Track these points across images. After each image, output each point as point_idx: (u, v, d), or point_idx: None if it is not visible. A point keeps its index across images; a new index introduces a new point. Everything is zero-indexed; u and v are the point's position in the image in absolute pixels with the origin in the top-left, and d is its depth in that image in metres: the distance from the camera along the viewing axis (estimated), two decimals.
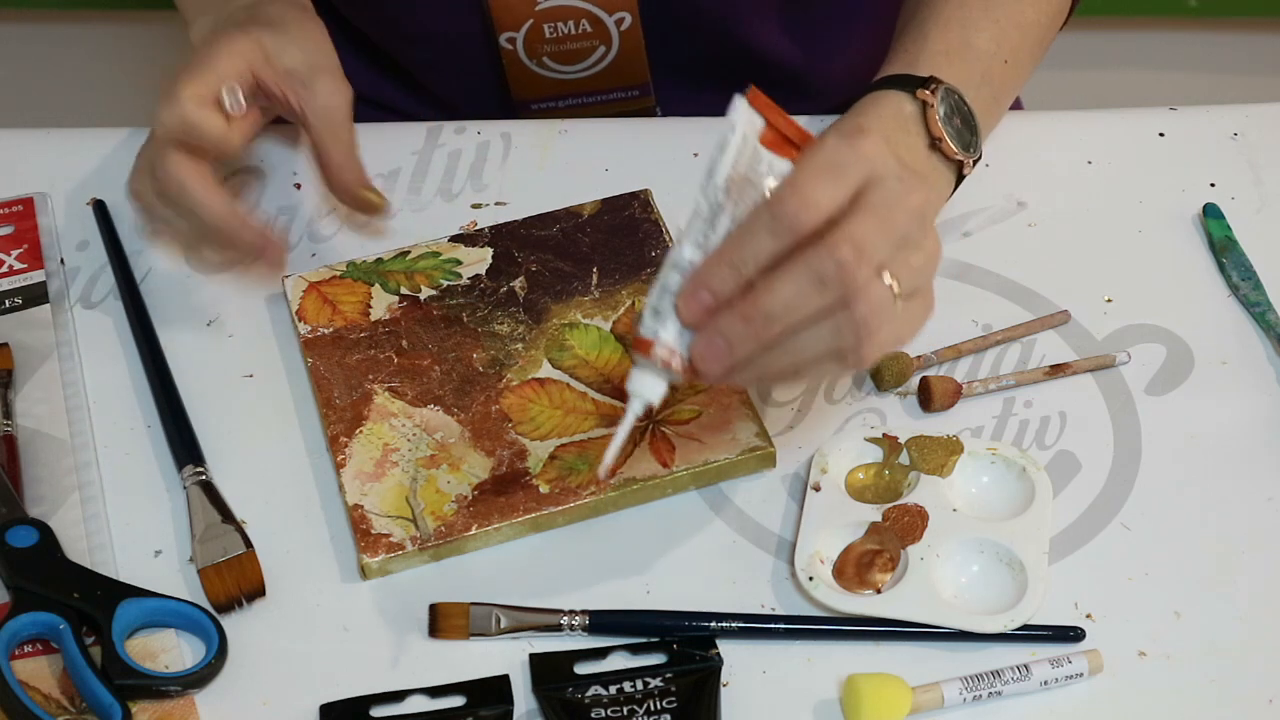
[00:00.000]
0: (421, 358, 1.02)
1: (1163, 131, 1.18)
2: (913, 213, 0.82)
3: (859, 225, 0.79)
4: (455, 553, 0.94)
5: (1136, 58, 2.05)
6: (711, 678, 0.89)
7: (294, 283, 1.07)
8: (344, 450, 0.98)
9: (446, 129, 1.19)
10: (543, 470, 0.96)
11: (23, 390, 1.03)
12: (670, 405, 0.98)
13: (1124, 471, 0.98)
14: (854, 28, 1.23)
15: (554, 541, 0.96)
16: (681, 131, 1.18)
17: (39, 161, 1.18)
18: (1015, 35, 1.07)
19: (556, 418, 0.99)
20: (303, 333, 1.04)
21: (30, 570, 0.92)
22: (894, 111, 0.99)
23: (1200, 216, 1.12)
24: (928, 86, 0.99)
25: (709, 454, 0.96)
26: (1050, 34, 1.13)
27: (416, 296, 1.06)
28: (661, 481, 0.96)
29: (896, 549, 0.93)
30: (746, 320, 0.80)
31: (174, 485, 0.99)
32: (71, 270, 1.11)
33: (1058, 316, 1.06)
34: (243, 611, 0.93)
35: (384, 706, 0.88)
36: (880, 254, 0.80)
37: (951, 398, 1.01)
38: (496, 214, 1.13)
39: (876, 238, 0.80)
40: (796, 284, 0.79)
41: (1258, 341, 1.05)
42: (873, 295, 0.80)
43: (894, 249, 0.81)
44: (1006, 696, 0.88)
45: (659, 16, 1.17)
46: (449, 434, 0.98)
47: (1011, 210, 1.12)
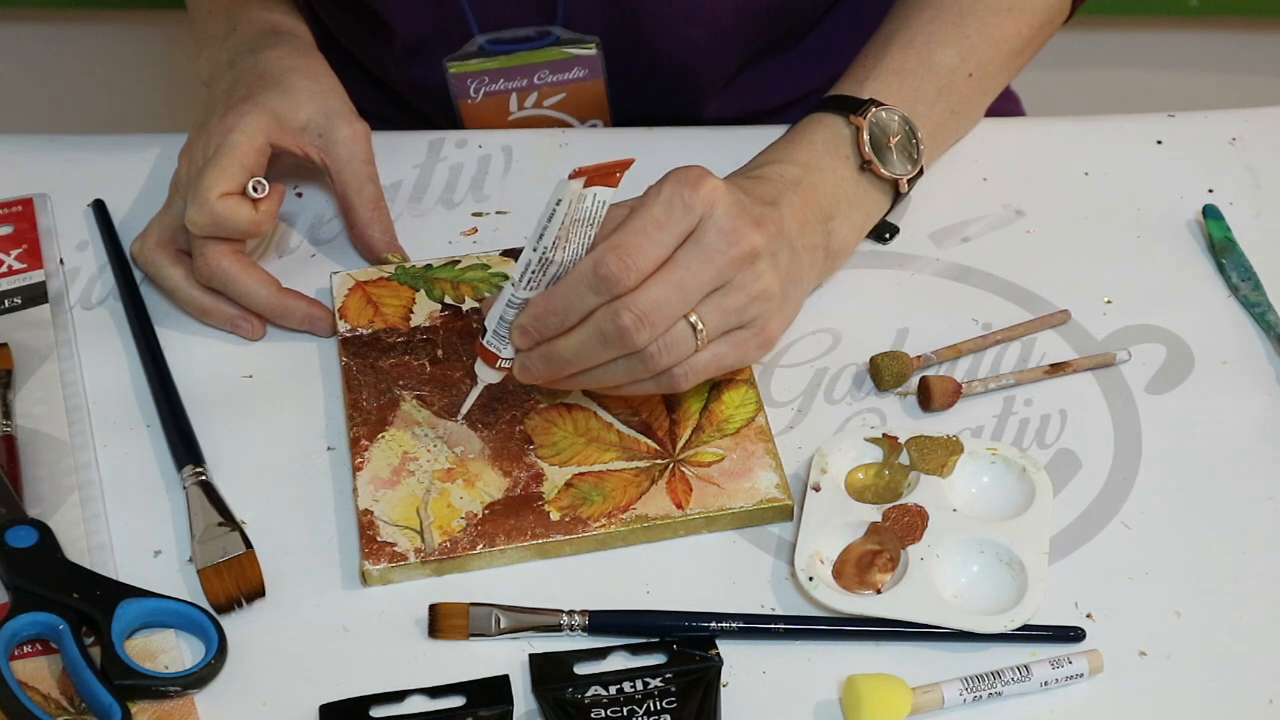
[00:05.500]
0: (454, 369, 1.02)
1: (1161, 139, 1.18)
2: (734, 259, 0.91)
3: (654, 289, 0.89)
4: (457, 570, 0.94)
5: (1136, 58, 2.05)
6: (711, 678, 0.89)
7: (341, 280, 1.07)
8: (363, 454, 0.98)
9: (448, 142, 1.19)
10: (556, 496, 0.96)
11: (22, 390, 1.04)
12: (695, 446, 0.98)
13: (1124, 471, 0.98)
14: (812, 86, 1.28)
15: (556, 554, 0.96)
16: (682, 140, 1.18)
17: (39, 162, 1.18)
18: (986, 49, 1.12)
19: (578, 445, 0.98)
20: (342, 331, 1.04)
21: (30, 570, 0.92)
22: (828, 135, 1.06)
23: (1199, 219, 1.12)
24: (862, 112, 1.06)
25: (725, 500, 0.96)
26: (1037, 42, 1.16)
27: (459, 307, 1.06)
28: (674, 523, 0.95)
29: (896, 549, 0.93)
30: (547, 360, 0.92)
31: (174, 485, 0.99)
32: (71, 270, 1.11)
33: (1058, 316, 1.06)
34: (242, 612, 0.93)
35: (384, 706, 0.88)
36: (677, 308, 0.90)
37: (951, 397, 1.01)
38: (498, 222, 1.13)
39: (674, 295, 0.90)
40: (585, 338, 0.91)
41: (1258, 341, 1.05)
42: (663, 343, 0.90)
43: (704, 295, 0.91)
44: (1006, 697, 0.88)
45: (630, 120, 1.24)
46: (469, 449, 0.98)
47: (1010, 218, 1.13)
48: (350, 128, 1.10)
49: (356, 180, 1.10)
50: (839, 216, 1.04)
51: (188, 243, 1.06)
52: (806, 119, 1.08)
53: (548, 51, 1.20)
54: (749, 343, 0.95)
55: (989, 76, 1.13)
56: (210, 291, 1.06)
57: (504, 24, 1.19)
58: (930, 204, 1.13)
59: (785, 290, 0.96)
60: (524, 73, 1.21)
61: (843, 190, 1.05)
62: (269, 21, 1.16)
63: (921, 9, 1.12)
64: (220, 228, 1.03)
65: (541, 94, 1.23)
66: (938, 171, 1.14)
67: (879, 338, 1.05)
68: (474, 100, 1.22)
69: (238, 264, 1.05)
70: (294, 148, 1.08)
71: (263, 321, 1.06)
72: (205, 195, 1.03)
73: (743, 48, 1.23)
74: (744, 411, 1.00)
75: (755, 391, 1.01)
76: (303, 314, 1.06)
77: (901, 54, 1.10)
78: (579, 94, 1.23)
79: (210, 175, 1.03)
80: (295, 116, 1.08)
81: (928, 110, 1.09)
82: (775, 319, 0.96)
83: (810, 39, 1.27)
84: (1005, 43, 1.13)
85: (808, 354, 1.05)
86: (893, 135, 1.06)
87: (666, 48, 1.20)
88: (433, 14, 1.18)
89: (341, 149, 1.09)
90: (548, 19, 1.18)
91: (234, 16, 1.16)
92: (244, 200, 1.04)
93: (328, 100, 1.10)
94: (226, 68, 1.13)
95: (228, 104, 1.08)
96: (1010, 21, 1.13)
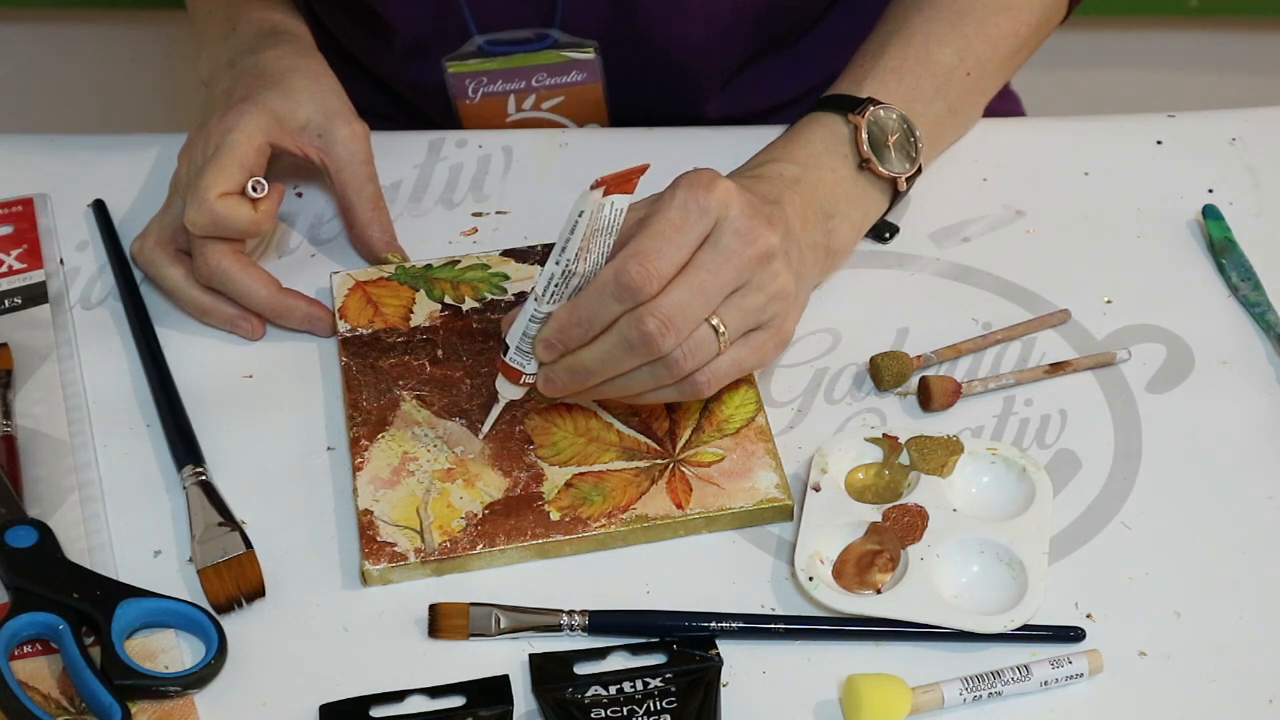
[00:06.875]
0: (454, 369, 1.02)
1: (1161, 139, 1.18)
2: (752, 259, 0.92)
3: (677, 293, 0.90)
4: (457, 570, 0.94)
5: (1136, 58, 2.05)
6: (711, 678, 0.89)
7: (341, 280, 1.07)
8: (363, 454, 0.98)
9: (448, 142, 1.19)
10: (556, 497, 0.96)
11: (22, 390, 1.04)
12: (695, 446, 0.98)
13: (1124, 470, 0.98)
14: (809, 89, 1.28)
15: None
16: (682, 140, 1.18)
17: (39, 162, 1.18)
18: (984, 48, 1.12)
19: (578, 445, 0.98)
20: (342, 331, 1.04)
21: (30, 570, 0.92)
22: (826, 134, 1.06)
23: (1199, 219, 1.12)
24: (860, 111, 1.06)
25: (725, 500, 0.96)
26: (1034, 41, 1.17)
27: (459, 307, 1.06)
28: (674, 522, 0.95)
29: (896, 549, 0.93)
30: (571, 371, 0.92)
31: (174, 485, 0.99)
32: (71, 270, 1.11)
33: (1058, 315, 1.06)
34: (242, 612, 0.93)
35: (384, 706, 0.88)
36: (699, 311, 0.90)
37: (951, 397, 1.01)
38: (498, 222, 1.13)
39: (696, 299, 0.90)
40: (610, 347, 0.91)
41: (1258, 341, 1.05)
42: (688, 347, 0.91)
43: (724, 296, 0.91)
44: (1006, 697, 0.88)
45: (629, 120, 1.24)
46: (469, 449, 0.98)
47: (1010, 218, 1.13)
48: (350, 128, 1.10)
49: (356, 180, 1.10)
50: (838, 215, 1.04)
51: (188, 243, 1.06)
52: (805, 118, 1.08)
53: (546, 54, 1.20)
54: (767, 344, 0.95)
55: (987, 75, 1.13)
56: (210, 291, 1.06)
57: (502, 24, 1.19)
58: (930, 204, 1.13)
59: (798, 288, 0.97)
60: (522, 75, 1.21)
61: (842, 189, 1.05)
62: (269, 21, 1.16)
63: (919, 8, 1.13)
64: (220, 228, 1.03)
65: (539, 96, 1.23)
66: (938, 172, 1.14)
67: (879, 338, 1.05)
68: (472, 101, 1.22)
69: (237, 264, 1.05)
70: (293, 148, 1.08)
71: (263, 321, 1.06)
72: (205, 195, 1.03)
73: (742, 47, 1.23)
74: (744, 411, 1.00)
75: (755, 391, 1.01)
76: (303, 314, 1.06)
77: (900, 53, 1.10)
78: (577, 97, 1.23)
79: (210, 175, 1.03)
80: (295, 116, 1.08)
81: (926, 109, 1.09)
82: (790, 317, 0.96)
83: (809, 38, 1.27)
84: (1003, 42, 1.13)
85: (808, 354, 1.05)
86: (891, 134, 1.06)
87: (666, 47, 1.20)
88: (432, 14, 1.18)
89: (341, 149, 1.09)
90: (546, 18, 1.18)
91: (233, 16, 1.16)
92: (243, 200, 1.04)
93: (327, 100, 1.10)
94: (226, 68, 1.13)
95: (227, 104, 1.08)
96: (1008, 20, 1.13)
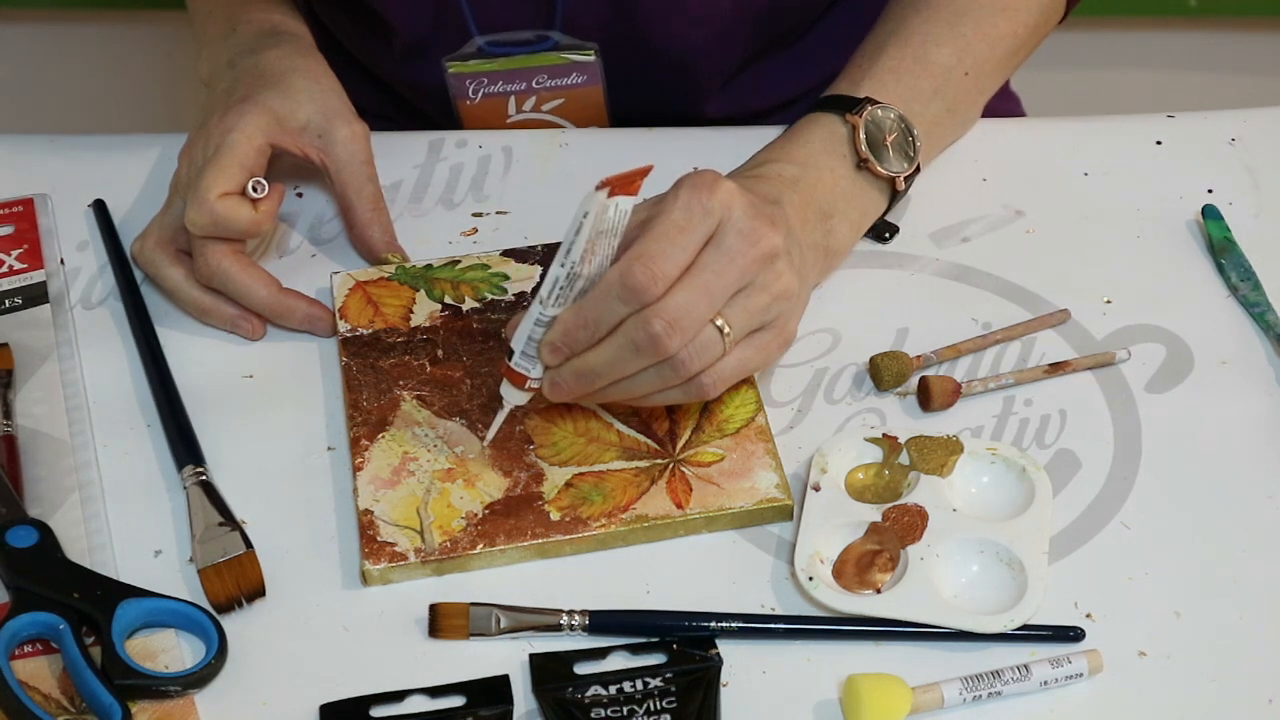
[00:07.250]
0: (454, 369, 1.02)
1: (1160, 139, 1.18)
2: (755, 260, 0.92)
3: (682, 294, 0.90)
4: (458, 569, 0.94)
5: (1135, 58, 2.05)
6: (711, 677, 0.89)
7: (341, 280, 1.07)
8: (364, 454, 0.98)
9: (448, 142, 1.19)
10: (556, 496, 0.96)
11: (23, 390, 1.04)
12: (695, 446, 0.98)
13: (1124, 470, 0.98)
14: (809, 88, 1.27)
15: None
16: (682, 140, 1.18)
17: (39, 162, 1.18)
18: (981, 48, 1.13)
19: (579, 445, 0.98)
20: (342, 331, 1.04)
21: (30, 570, 0.92)
22: (824, 134, 1.06)
23: (1199, 219, 1.12)
24: (858, 110, 1.06)
25: (725, 500, 0.96)
26: (1032, 41, 1.17)
27: (459, 307, 1.06)
28: (674, 522, 0.95)
29: (896, 549, 0.93)
30: (577, 374, 0.92)
31: (174, 485, 0.99)
32: (71, 270, 1.11)
33: (1057, 315, 1.06)
34: (242, 612, 0.93)
35: (384, 706, 0.88)
36: (705, 312, 0.91)
37: (950, 397, 1.01)
38: (498, 222, 1.13)
39: (701, 300, 0.90)
40: (616, 349, 0.91)
41: (1258, 341, 1.05)
42: (693, 348, 0.91)
43: (729, 296, 0.92)
44: (1006, 697, 0.88)
45: (630, 120, 1.24)
46: (470, 449, 0.98)
47: (1010, 218, 1.13)
48: (350, 128, 1.10)
49: (356, 180, 1.10)
50: (837, 215, 1.04)
51: (188, 243, 1.06)
52: (803, 118, 1.08)
53: (546, 56, 1.20)
54: (771, 344, 0.95)
55: (985, 75, 1.14)
56: (210, 291, 1.06)
57: (503, 24, 1.19)
58: (930, 204, 1.13)
59: (800, 288, 0.97)
60: (522, 76, 1.21)
61: (840, 189, 1.05)
62: (269, 22, 1.16)
63: (917, 9, 1.13)
64: (220, 228, 1.03)
65: (540, 98, 1.23)
66: (937, 172, 1.14)
67: (879, 338, 1.05)
68: (472, 101, 1.22)
69: (238, 264, 1.05)
70: (293, 148, 1.08)
71: (263, 321, 1.06)
72: (205, 195, 1.03)
73: (742, 47, 1.23)
74: (744, 411, 1.00)
75: (755, 391, 1.01)
76: (303, 314, 1.06)
77: (898, 53, 1.10)
78: (577, 99, 1.23)
79: (210, 175, 1.03)
80: (295, 117, 1.08)
81: (924, 109, 1.09)
82: (794, 317, 0.97)
83: (810, 38, 1.27)
84: (1001, 42, 1.13)
85: (808, 354, 1.05)
86: (889, 133, 1.06)
87: (666, 47, 1.20)
88: (432, 14, 1.18)
89: (341, 149, 1.09)
90: (547, 18, 1.18)
91: (234, 17, 1.16)
92: (243, 200, 1.04)
93: (327, 100, 1.10)
94: (226, 68, 1.13)
95: (227, 104, 1.08)
96: (1006, 21, 1.14)
